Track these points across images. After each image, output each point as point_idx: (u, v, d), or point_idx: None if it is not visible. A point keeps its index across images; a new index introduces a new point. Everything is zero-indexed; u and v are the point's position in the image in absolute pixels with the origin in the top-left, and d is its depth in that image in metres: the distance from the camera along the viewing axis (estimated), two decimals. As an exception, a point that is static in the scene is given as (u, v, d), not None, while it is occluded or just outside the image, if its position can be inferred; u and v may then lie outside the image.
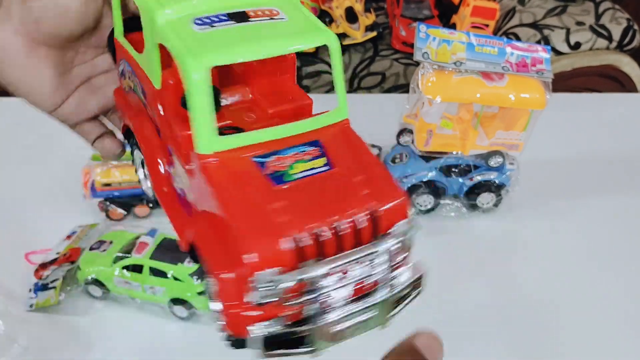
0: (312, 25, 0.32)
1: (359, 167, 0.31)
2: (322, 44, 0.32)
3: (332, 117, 0.33)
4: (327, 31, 0.32)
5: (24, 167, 1.00)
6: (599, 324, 0.76)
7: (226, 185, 0.29)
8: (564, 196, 0.95)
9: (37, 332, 0.72)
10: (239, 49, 0.30)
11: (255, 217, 0.28)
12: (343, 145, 0.32)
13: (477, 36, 0.83)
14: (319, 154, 0.31)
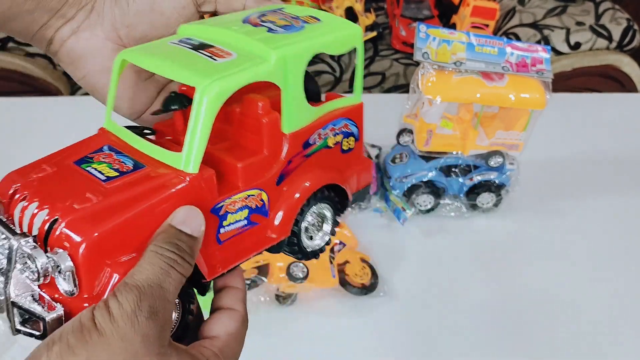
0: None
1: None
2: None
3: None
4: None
5: (24, 167, 1.00)
6: (599, 323, 0.76)
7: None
8: (564, 196, 0.95)
9: (37, 332, 0.72)
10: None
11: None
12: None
13: (477, 36, 0.83)
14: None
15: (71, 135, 0.54)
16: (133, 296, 0.28)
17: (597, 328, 0.75)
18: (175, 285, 0.30)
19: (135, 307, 0.28)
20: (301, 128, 0.38)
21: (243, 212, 0.36)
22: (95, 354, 0.27)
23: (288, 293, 0.75)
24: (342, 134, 0.41)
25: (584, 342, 0.73)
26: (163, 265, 0.30)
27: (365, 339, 0.72)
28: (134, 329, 0.28)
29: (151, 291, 0.29)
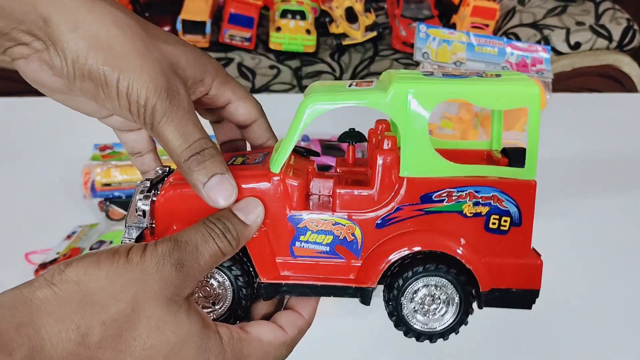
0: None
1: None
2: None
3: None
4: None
5: (24, 167, 1.00)
6: (599, 323, 0.76)
7: None
8: (564, 196, 0.95)
9: (37, 332, 0.71)
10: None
11: None
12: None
13: (477, 36, 0.83)
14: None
15: (71, 135, 0.53)
16: (168, 244, 0.32)
17: (597, 328, 0.75)
18: (209, 253, 0.33)
19: (166, 253, 0.32)
20: (424, 177, 0.35)
21: (327, 237, 0.36)
22: (116, 273, 0.30)
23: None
24: (488, 207, 0.35)
25: (583, 342, 0.73)
26: (204, 233, 0.33)
27: (364, 339, 0.72)
28: (157, 268, 0.31)
29: (185, 247, 0.32)
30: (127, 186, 0.87)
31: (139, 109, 0.34)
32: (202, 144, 0.35)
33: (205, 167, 0.35)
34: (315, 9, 1.61)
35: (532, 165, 0.35)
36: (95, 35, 0.34)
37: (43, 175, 0.97)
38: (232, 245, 0.34)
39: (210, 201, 0.35)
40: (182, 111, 0.35)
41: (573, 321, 0.76)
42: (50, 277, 0.31)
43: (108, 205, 0.88)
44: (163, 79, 0.34)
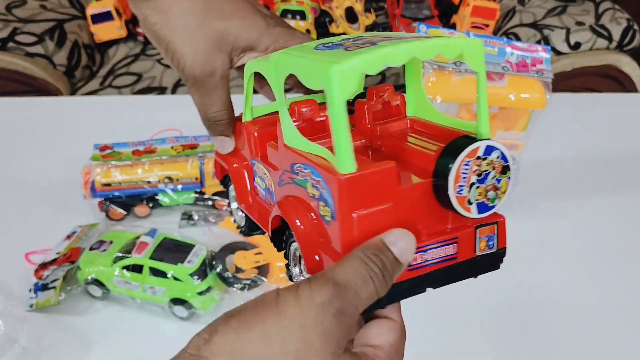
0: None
1: None
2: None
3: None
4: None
5: (24, 167, 1.00)
6: (598, 323, 0.76)
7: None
8: (564, 196, 0.95)
9: (37, 332, 0.72)
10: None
11: None
12: None
13: (477, 36, 0.83)
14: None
15: (71, 135, 0.53)
16: (327, 291, 0.28)
17: (597, 328, 0.75)
18: (368, 297, 0.29)
19: (325, 302, 0.27)
20: (294, 148, 0.34)
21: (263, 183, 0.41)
22: (272, 333, 0.27)
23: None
24: (318, 191, 0.32)
25: (583, 342, 0.73)
26: (365, 274, 0.29)
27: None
28: (317, 320, 0.27)
29: (346, 292, 0.28)
30: (127, 186, 0.87)
31: (181, 74, 0.42)
32: (216, 116, 0.43)
33: (213, 131, 0.44)
34: (315, 9, 1.61)
35: (343, 155, 0.29)
36: (168, 7, 0.41)
37: (43, 175, 0.97)
38: (387, 286, 0.30)
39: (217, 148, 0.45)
40: (208, 87, 0.42)
41: (573, 320, 0.76)
42: (197, 351, 0.27)
43: (108, 205, 0.88)
44: (201, 56, 0.41)
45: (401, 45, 0.30)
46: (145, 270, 0.73)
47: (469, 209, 0.32)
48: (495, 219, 0.34)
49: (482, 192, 0.32)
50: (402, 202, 0.31)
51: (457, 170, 0.31)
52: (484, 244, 0.34)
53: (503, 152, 0.32)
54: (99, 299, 0.76)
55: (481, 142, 0.31)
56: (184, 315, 0.73)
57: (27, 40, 1.43)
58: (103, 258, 0.75)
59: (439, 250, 0.33)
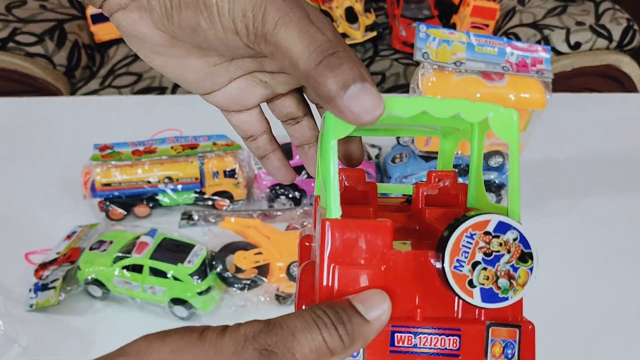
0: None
1: None
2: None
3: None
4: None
5: (24, 167, 1.00)
6: (598, 323, 0.75)
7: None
8: (564, 196, 0.95)
9: (37, 332, 0.72)
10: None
11: None
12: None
13: (477, 36, 0.83)
14: None
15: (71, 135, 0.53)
16: (255, 325, 0.26)
17: (597, 328, 0.75)
18: (310, 346, 0.25)
19: (249, 334, 0.25)
20: None
21: None
22: (184, 349, 0.25)
23: (288, 293, 0.75)
24: None
25: (583, 342, 0.73)
26: (308, 319, 0.26)
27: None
28: (235, 350, 0.25)
29: (277, 331, 0.25)
30: (127, 186, 0.87)
31: (246, 22, 0.28)
32: (334, 44, 0.27)
33: (343, 73, 0.26)
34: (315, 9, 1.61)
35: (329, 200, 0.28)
36: None
37: (43, 176, 0.97)
38: (343, 343, 0.26)
39: (351, 115, 0.26)
40: (300, 10, 0.28)
41: (573, 320, 0.76)
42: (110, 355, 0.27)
43: (108, 205, 0.88)
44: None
45: (413, 98, 0.28)
46: (145, 270, 0.73)
47: (470, 292, 0.27)
48: (520, 322, 0.29)
49: (491, 276, 0.27)
50: (395, 269, 0.28)
51: (457, 240, 0.27)
52: (498, 350, 0.28)
53: (522, 234, 0.27)
54: (99, 299, 0.76)
55: (494, 216, 0.27)
56: (184, 316, 0.73)
57: (27, 41, 1.43)
58: (103, 258, 0.75)
59: (435, 338, 0.28)
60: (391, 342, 0.28)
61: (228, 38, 0.29)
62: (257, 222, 0.80)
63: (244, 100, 0.37)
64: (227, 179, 0.89)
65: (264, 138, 0.39)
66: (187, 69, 0.34)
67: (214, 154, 0.89)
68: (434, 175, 0.34)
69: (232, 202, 0.91)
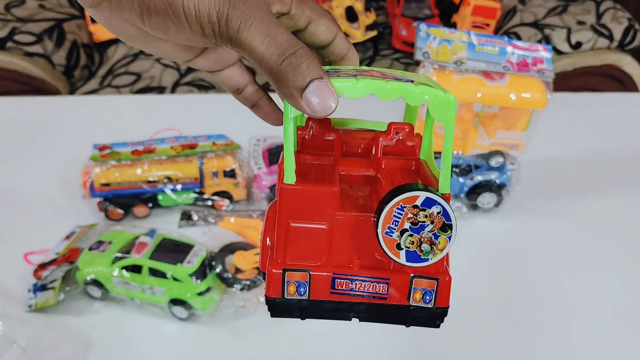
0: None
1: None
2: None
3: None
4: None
5: (23, 167, 0.99)
6: (598, 323, 0.75)
7: None
8: (565, 196, 0.95)
9: (36, 332, 0.71)
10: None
11: None
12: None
13: (477, 35, 0.83)
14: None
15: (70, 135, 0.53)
16: None
17: (597, 327, 0.75)
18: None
19: None
20: None
21: None
22: None
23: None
24: None
25: (583, 341, 0.73)
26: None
27: (365, 338, 0.72)
28: None
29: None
30: (126, 186, 0.86)
31: (212, 27, 0.31)
32: (293, 43, 0.31)
33: (302, 72, 0.31)
34: (316, 8, 1.60)
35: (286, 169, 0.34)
36: None
37: (42, 175, 0.97)
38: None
39: (308, 111, 0.31)
40: (261, 12, 0.31)
41: (573, 320, 0.75)
42: None
43: (107, 205, 0.87)
44: None
45: (361, 81, 0.31)
46: (144, 271, 0.73)
47: (397, 253, 0.32)
48: (439, 275, 0.34)
49: (415, 241, 0.32)
50: (339, 228, 0.34)
51: (389, 211, 0.32)
52: (419, 296, 0.34)
53: (445, 209, 0.32)
54: (98, 299, 0.76)
55: (422, 192, 0.31)
56: (184, 316, 0.73)
57: (26, 40, 1.43)
58: (102, 258, 0.75)
59: (368, 284, 0.34)
60: (332, 285, 0.34)
61: (197, 39, 0.32)
62: (257, 222, 0.79)
63: (222, 60, 0.39)
64: (227, 179, 0.89)
65: (250, 88, 0.41)
66: (164, 48, 0.36)
67: (214, 154, 0.89)
68: (394, 127, 0.39)
69: (232, 202, 0.90)
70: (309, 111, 0.31)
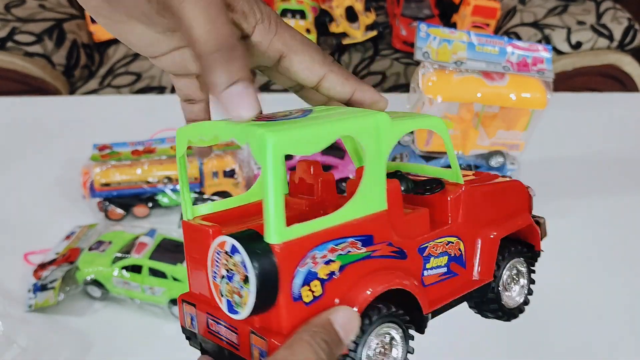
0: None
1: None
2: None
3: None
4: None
5: (23, 167, 0.99)
6: (599, 322, 0.75)
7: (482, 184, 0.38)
8: (565, 196, 0.95)
9: (36, 332, 0.71)
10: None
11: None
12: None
13: (477, 35, 0.83)
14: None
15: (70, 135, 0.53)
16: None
17: (597, 327, 0.75)
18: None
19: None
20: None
21: (443, 258, 0.36)
22: None
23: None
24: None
25: (583, 341, 0.73)
26: (313, 353, 0.28)
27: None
28: None
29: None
30: (126, 186, 0.86)
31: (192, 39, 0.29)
32: (235, 40, 0.29)
33: (234, 69, 0.29)
34: (315, 8, 1.60)
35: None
36: None
37: (42, 175, 0.97)
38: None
39: (225, 107, 0.29)
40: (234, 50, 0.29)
41: (573, 320, 0.75)
42: None
43: (107, 205, 0.87)
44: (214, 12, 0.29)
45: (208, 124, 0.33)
46: (144, 271, 0.73)
47: (221, 300, 0.30)
48: (269, 336, 0.29)
49: (230, 291, 0.29)
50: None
51: (212, 255, 0.30)
52: (257, 354, 0.30)
53: (244, 259, 0.28)
54: (98, 299, 0.76)
55: (228, 238, 0.29)
56: (184, 316, 0.73)
57: (26, 40, 1.43)
58: (102, 258, 0.75)
59: (225, 330, 0.32)
60: (207, 324, 0.33)
61: (143, 4, 0.30)
62: (256, 223, 0.79)
63: (187, 67, 0.37)
64: (227, 178, 0.89)
65: (201, 106, 0.39)
66: (130, 33, 0.34)
67: (214, 154, 0.89)
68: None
69: (232, 202, 0.90)
70: (223, 108, 0.29)
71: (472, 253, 0.38)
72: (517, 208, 0.41)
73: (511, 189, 0.41)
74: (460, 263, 0.37)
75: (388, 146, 0.32)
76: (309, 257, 0.30)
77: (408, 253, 0.34)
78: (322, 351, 0.28)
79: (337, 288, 0.31)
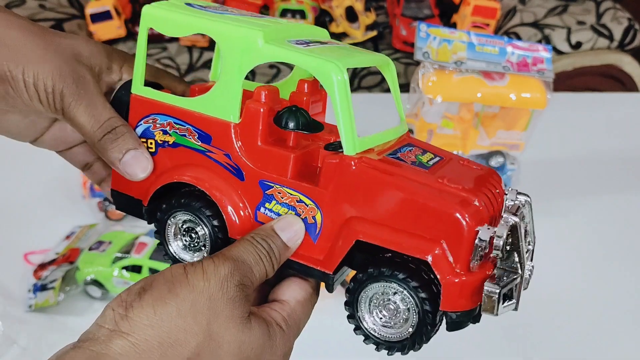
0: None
1: (454, 158, 0.39)
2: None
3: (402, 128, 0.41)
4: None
5: (23, 167, 0.99)
6: (599, 322, 0.75)
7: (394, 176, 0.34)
8: (565, 196, 0.95)
9: (36, 332, 0.71)
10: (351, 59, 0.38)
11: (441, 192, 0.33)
12: (424, 145, 0.40)
13: (477, 35, 0.83)
14: (422, 151, 0.38)
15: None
16: (229, 265, 0.32)
17: (597, 327, 0.75)
18: (259, 275, 0.34)
19: (228, 275, 0.32)
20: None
21: (287, 210, 0.36)
22: (184, 306, 0.30)
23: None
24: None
25: (583, 340, 0.73)
26: (255, 255, 0.33)
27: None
28: (222, 291, 0.31)
29: (243, 267, 0.33)
30: (126, 186, 0.86)
31: (47, 96, 0.36)
32: (113, 122, 0.37)
33: (119, 145, 0.37)
34: (315, 8, 1.60)
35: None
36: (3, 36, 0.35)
37: (42, 175, 0.97)
38: (273, 269, 0.34)
39: (128, 176, 0.37)
40: (90, 94, 0.36)
41: (573, 320, 0.76)
42: (115, 326, 0.29)
43: (107, 205, 0.87)
44: (67, 67, 0.36)
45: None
46: (144, 271, 0.73)
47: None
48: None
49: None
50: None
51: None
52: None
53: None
54: (98, 299, 0.76)
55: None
56: (184, 316, 0.73)
57: (27, 40, 1.43)
58: (102, 258, 0.75)
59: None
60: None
61: (34, 105, 0.36)
62: (256, 222, 0.79)
63: (69, 138, 0.41)
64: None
65: (98, 165, 0.43)
66: (7, 122, 0.38)
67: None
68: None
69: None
70: (127, 177, 0.37)
71: (328, 233, 0.35)
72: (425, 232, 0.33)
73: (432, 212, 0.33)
74: (311, 232, 0.35)
75: (250, 64, 0.35)
76: (150, 118, 0.37)
77: (246, 177, 0.36)
78: (262, 247, 0.34)
79: (168, 157, 0.37)
